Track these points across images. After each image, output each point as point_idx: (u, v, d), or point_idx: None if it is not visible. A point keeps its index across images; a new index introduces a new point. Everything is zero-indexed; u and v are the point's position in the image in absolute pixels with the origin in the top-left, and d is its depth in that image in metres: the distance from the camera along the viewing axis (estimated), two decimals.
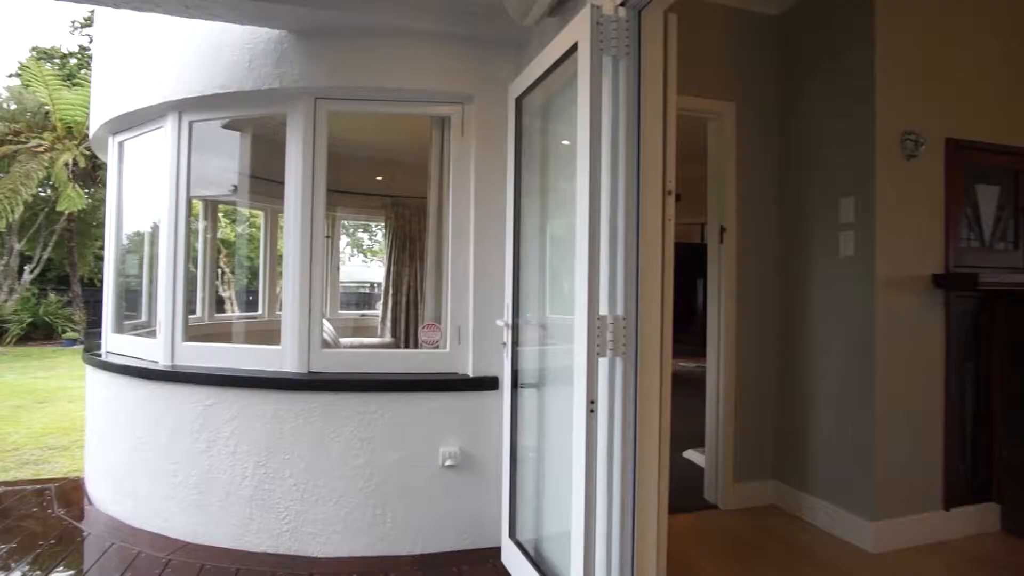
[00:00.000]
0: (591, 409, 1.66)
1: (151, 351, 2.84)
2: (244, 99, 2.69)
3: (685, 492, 3.18)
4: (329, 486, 2.51)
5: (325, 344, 3.40)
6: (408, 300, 6.01)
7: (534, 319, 2.34)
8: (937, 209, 2.70)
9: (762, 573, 2.35)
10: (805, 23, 2.99)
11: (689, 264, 3.52)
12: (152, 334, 2.95)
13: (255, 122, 3.91)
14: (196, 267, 4.39)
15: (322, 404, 2.52)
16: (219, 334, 4.57)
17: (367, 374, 2.61)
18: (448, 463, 2.53)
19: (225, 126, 3.71)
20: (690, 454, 3.77)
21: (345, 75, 2.57)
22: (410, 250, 6.05)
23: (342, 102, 2.66)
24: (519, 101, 2.39)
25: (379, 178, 5.89)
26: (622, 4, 1.75)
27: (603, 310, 1.71)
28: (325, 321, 5.26)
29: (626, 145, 1.74)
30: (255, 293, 5.87)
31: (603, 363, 1.72)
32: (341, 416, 2.52)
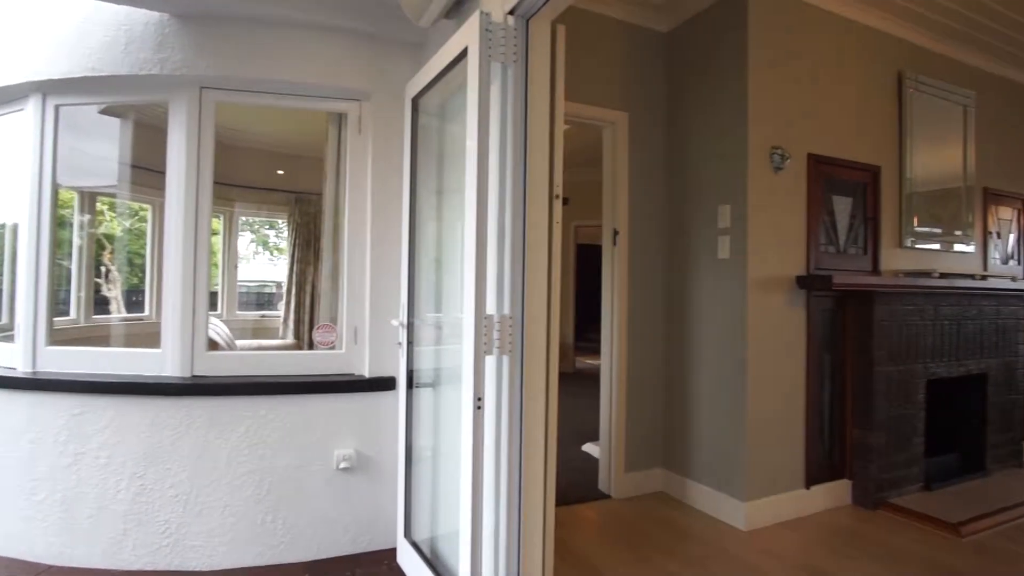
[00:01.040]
0: (478, 406, 1.70)
1: (7, 357, 2.57)
2: (120, 84, 2.50)
3: (580, 484, 3.32)
4: (215, 495, 2.39)
5: (216, 347, 3.22)
6: (312, 300, 5.82)
7: (430, 318, 2.36)
8: (800, 217, 2.99)
9: (645, 554, 2.50)
10: (690, 43, 3.21)
11: (598, 265, 3.64)
12: (12, 338, 2.67)
13: (137, 108, 3.63)
14: (71, 264, 4.01)
15: (207, 409, 2.40)
16: (97, 337, 4.21)
17: (258, 377, 2.51)
18: (343, 465, 2.48)
19: (104, 111, 3.43)
20: (588, 447, 3.93)
21: (235, 65, 2.45)
22: (315, 248, 5.87)
23: (231, 93, 2.53)
24: (415, 101, 2.40)
25: (280, 172, 5.66)
26: (511, 12, 1.80)
27: (490, 309, 1.76)
28: (220, 323, 4.99)
29: (514, 150, 1.79)
30: (142, 292, 5.45)
31: (490, 361, 1.76)
32: (228, 421, 2.41)
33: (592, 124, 3.23)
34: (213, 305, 6.05)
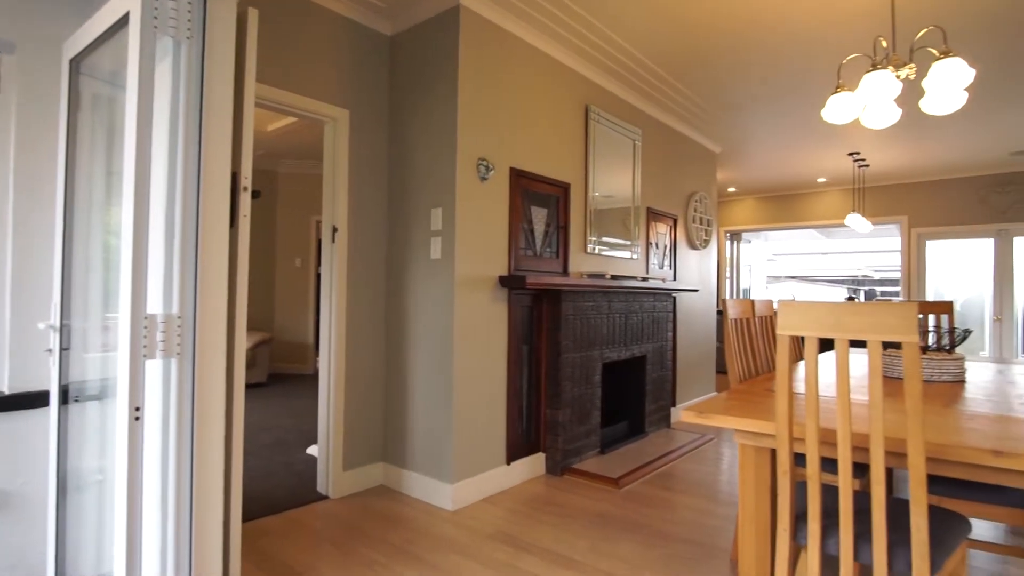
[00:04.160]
0: (136, 417, 1.52)
1: None
2: None
3: (298, 487, 3.21)
4: None
5: None
6: None
7: (95, 320, 2.02)
8: (503, 223, 3.35)
9: (351, 548, 2.53)
10: (410, 50, 3.34)
11: None
12: None
13: None
14: None
15: None
16: None
17: None
18: None
19: None
20: (312, 450, 3.82)
21: None
22: None
23: None
24: (76, 63, 2.03)
25: None
26: None
27: (153, 308, 1.59)
28: None
29: (186, 135, 1.65)
30: None
31: (153, 365, 1.59)
32: None
33: (313, 118, 3.14)
34: None
